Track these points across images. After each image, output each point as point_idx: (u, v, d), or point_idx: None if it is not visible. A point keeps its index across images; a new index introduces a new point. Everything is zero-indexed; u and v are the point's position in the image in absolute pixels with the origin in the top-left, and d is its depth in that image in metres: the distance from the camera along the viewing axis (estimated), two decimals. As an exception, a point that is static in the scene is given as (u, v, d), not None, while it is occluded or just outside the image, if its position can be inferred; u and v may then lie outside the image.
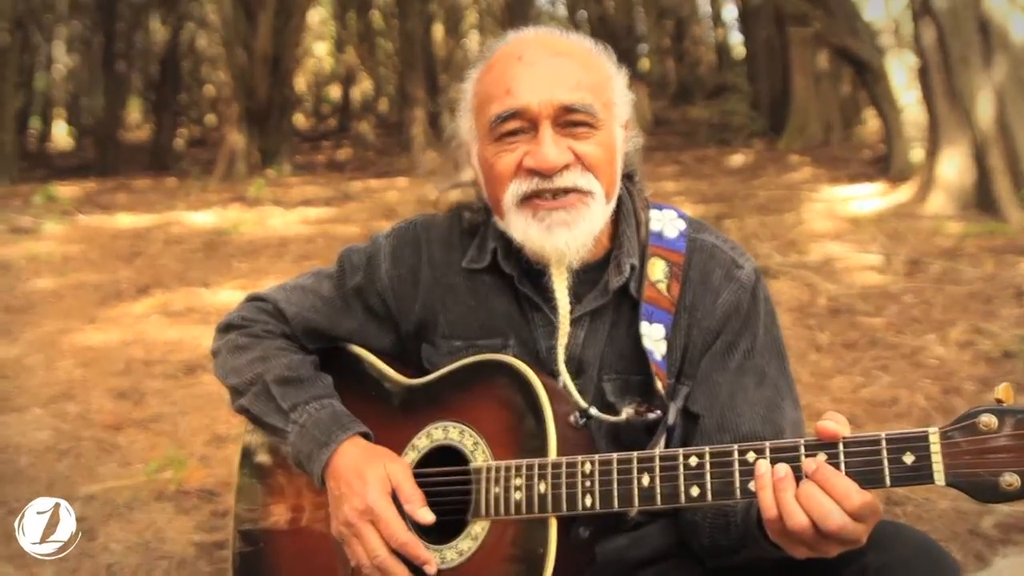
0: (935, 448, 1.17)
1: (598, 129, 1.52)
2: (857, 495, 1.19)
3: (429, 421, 1.58)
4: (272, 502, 1.78)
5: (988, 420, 1.15)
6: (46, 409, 4.41)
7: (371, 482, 1.50)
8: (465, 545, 1.47)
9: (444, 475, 1.53)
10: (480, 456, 1.50)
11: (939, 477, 1.16)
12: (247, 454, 1.85)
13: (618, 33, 21.06)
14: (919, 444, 1.18)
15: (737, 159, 14.79)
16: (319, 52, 31.50)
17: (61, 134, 34.28)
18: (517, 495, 1.42)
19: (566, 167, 1.49)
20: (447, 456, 1.54)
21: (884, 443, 1.19)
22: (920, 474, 1.17)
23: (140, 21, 23.99)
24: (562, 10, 26.68)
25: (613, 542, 1.54)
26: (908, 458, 1.18)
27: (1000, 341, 4.68)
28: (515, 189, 1.51)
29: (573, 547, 1.43)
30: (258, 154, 17.54)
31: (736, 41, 24.88)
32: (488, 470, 1.46)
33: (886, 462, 1.19)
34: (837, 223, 8.58)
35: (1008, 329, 4.87)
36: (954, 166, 8.75)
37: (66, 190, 14.71)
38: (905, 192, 9.64)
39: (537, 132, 1.49)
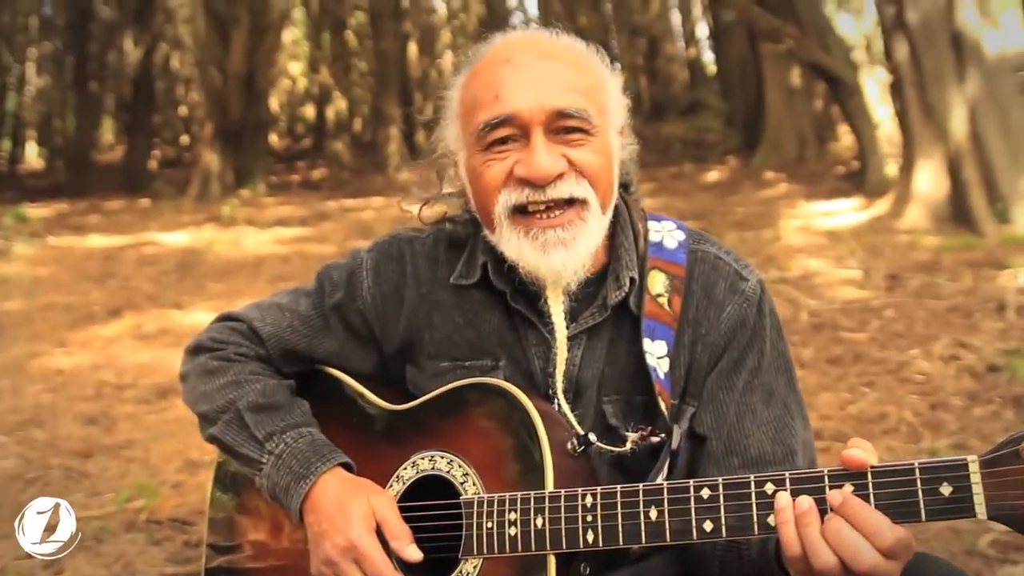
0: (975, 479, 1.08)
1: (593, 135, 1.43)
2: (890, 531, 1.10)
3: (415, 450, 1.48)
4: (246, 536, 1.67)
5: None
6: (12, 436, 4.27)
7: (354, 517, 1.39)
8: (456, 584, 1.37)
9: (432, 508, 1.43)
10: (471, 488, 1.40)
11: (980, 510, 1.07)
12: (220, 482, 1.75)
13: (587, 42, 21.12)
14: (957, 474, 1.09)
15: (712, 176, 14.83)
16: (293, 72, 31.40)
17: (32, 155, 33.93)
18: (512, 530, 1.32)
19: (560, 176, 1.40)
20: (435, 488, 1.44)
21: (918, 472, 1.11)
22: (960, 507, 1.08)
23: (113, 41, 23.81)
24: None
25: None
26: (945, 489, 1.09)
27: (984, 355, 4.65)
28: (505, 200, 1.42)
29: None
30: (232, 174, 17.42)
31: (709, 59, 25.07)
32: (480, 503, 1.36)
33: (921, 493, 1.10)
34: (815, 238, 8.58)
35: (991, 343, 4.84)
36: (929, 180, 8.79)
37: (37, 211, 14.50)
38: (881, 207, 9.68)
39: (528, 139, 1.40)
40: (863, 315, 5.74)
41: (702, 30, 26.73)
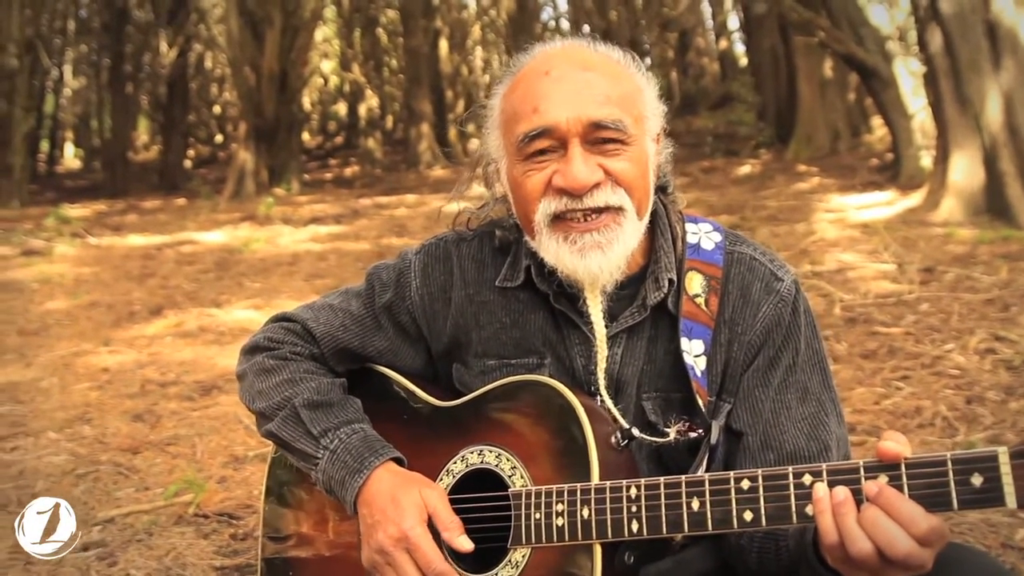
0: (1005, 469, 1.12)
1: (629, 145, 1.48)
2: (924, 519, 1.15)
3: (464, 445, 1.55)
4: (299, 528, 1.75)
5: None
6: (62, 433, 4.38)
7: (406, 509, 1.46)
8: (505, 573, 1.43)
9: (482, 501, 1.49)
10: (519, 481, 1.46)
11: (1010, 499, 1.12)
12: (273, 478, 1.82)
13: (622, 46, 21.05)
14: (988, 464, 1.13)
15: (745, 169, 14.77)
16: (325, 70, 31.63)
17: (70, 156, 34.48)
18: (559, 521, 1.38)
19: (596, 186, 1.45)
20: (484, 481, 1.50)
21: (950, 464, 1.15)
22: (990, 496, 1.13)
23: (147, 42, 24.15)
24: (565, 24, 26.72)
25: (655, 566, 1.50)
26: (976, 480, 1.13)
27: (1021, 349, 4.63)
28: (545, 208, 1.47)
29: (618, 573, 1.39)
30: (266, 172, 17.63)
31: (740, 51, 24.90)
32: (528, 495, 1.42)
33: (953, 484, 1.15)
34: (848, 232, 8.53)
35: (1028, 336, 4.82)
36: (964, 172, 8.71)
37: (76, 212, 14.78)
38: (916, 199, 9.60)
39: (566, 150, 1.45)
40: (898, 309, 5.72)
41: (733, 22, 26.62)
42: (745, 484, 1.27)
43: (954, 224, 8.34)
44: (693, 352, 1.52)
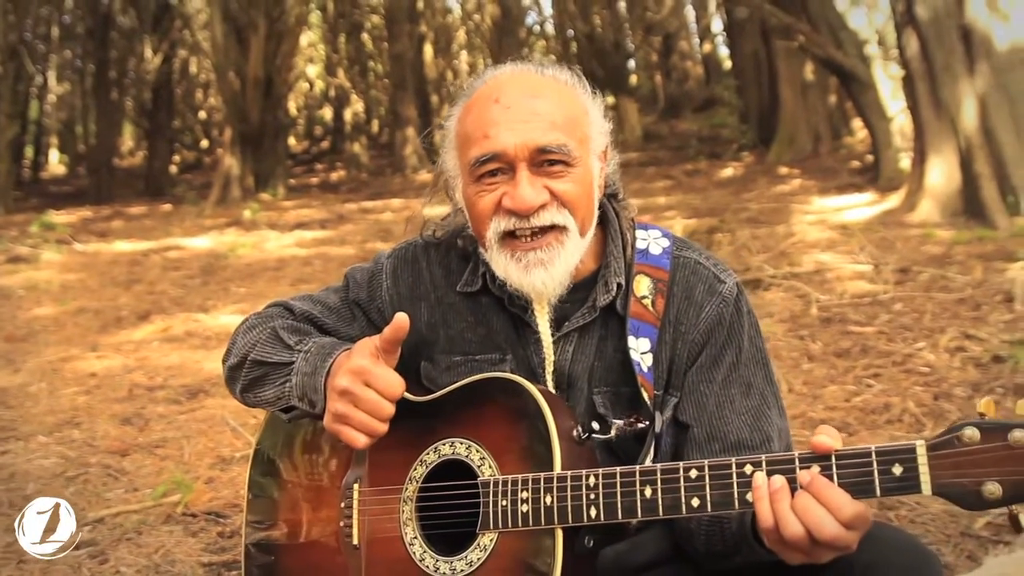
0: (922, 460, 1.24)
1: (573, 167, 1.59)
2: (850, 505, 1.27)
3: (437, 438, 1.65)
4: (280, 516, 1.84)
5: (971, 433, 1.22)
6: (52, 436, 4.46)
7: (359, 351, 1.56)
8: (475, 556, 1.54)
9: (453, 489, 1.60)
10: (487, 470, 1.57)
11: (926, 487, 1.24)
12: (256, 470, 1.91)
13: (606, 50, 21.24)
14: (907, 456, 1.25)
15: (727, 172, 14.92)
16: (311, 75, 31.65)
17: (55, 162, 34.33)
18: (524, 507, 1.49)
19: (543, 206, 1.58)
20: (455, 471, 1.61)
21: (874, 456, 1.27)
22: (908, 484, 1.25)
23: (132, 48, 24.09)
24: (551, 28, 26.84)
25: (613, 548, 1.61)
26: (897, 469, 1.26)
27: (989, 346, 4.76)
28: (495, 227, 1.60)
29: (579, 556, 1.50)
30: (252, 178, 17.65)
31: (724, 54, 25.08)
32: (496, 484, 1.53)
33: (876, 474, 1.27)
34: (828, 233, 8.67)
35: (997, 334, 4.95)
36: (941, 174, 8.86)
37: (62, 218, 14.79)
38: (894, 201, 9.75)
39: (515, 174, 1.57)
40: (872, 309, 5.85)
41: (717, 25, 26.79)
42: (693, 473, 1.39)
43: (931, 225, 8.49)
44: (640, 349, 1.64)
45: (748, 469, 1.35)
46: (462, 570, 1.54)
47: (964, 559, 2.86)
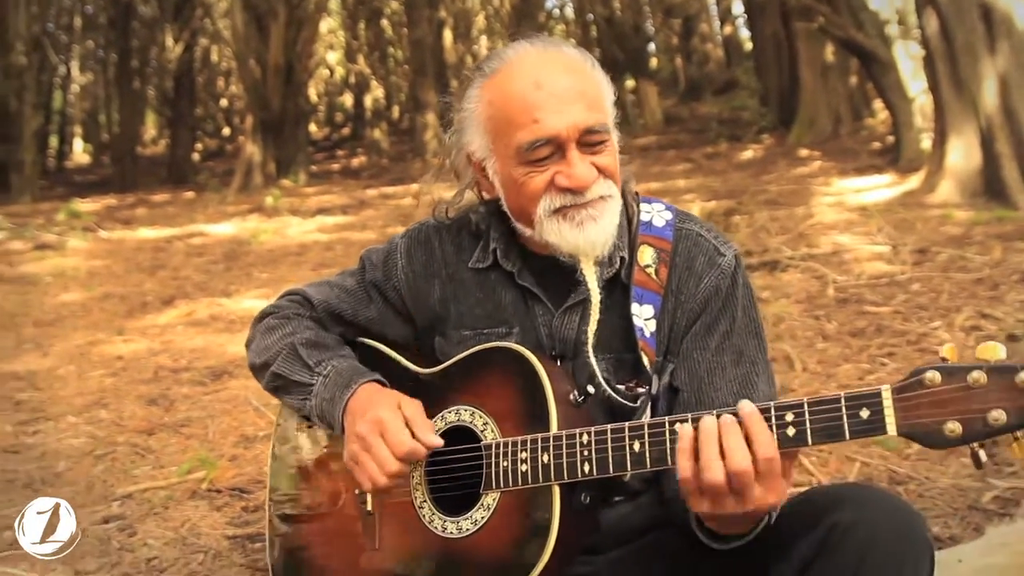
0: (887, 403, 1.31)
1: (608, 141, 1.68)
2: (770, 447, 1.34)
3: (444, 406, 1.74)
4: (302, 489, 1.93)
5: (932, 376, 1.29)
6: (80, 417, 4.58)
7: (382, 403, 1.68)
8: (479, 515, 1.63)
9: (459, 453, 1.69)
10: (490, 434, 1.65)
11: (891, 428, 1.31)
12: (278, 447, 2.00)
13: (626, 33, 21.18)
14: (873, 400, 1.32)
15: (747, 154, 14.88)
16: (331, 61, 31.76)
17: (79, 151, 34.71)
18: (523, 467, 1.57)
19: (593, 181, 1.66)
20: (461, 436, 1.70)
21: (843, 401, 1.33)
22: (875, 426, 1.31)
23: (153, 37, 24.31)
24: (570, 12, 26.78)
25: (616, 510, 1.70)
26: (864, 413, 1.32)
27: (1005, 325, 4.77)
28: (547, 204, 1.66)
29: (576, 512, 1.58)
30: (274, 164, 17.79)
31: (745, 36, 24.91)
32: (497, 446, 1.62)
33: (845, 418, 1.33)
34: (846, 215, 8.65)
35: (1013, 313, 4.95)
36: (961, 154, 8.81)
37: (87, 206, 14.98)
38: (914, 182, 9.71)
39: (564, 154, 1.64)
40: (889, 289, 5.86)
41: (737, 7, 26.61)
42: (678, 427, 1.45)
43: (951, 206, 8.45)
44: (643, 316, 1.72)
45: (728, 419, 1.40)
46: (468, 529, 1.63)
47: (971, 531, 2.90)
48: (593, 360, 1.70)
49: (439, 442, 1.64)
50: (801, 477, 3.38)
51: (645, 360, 1.69)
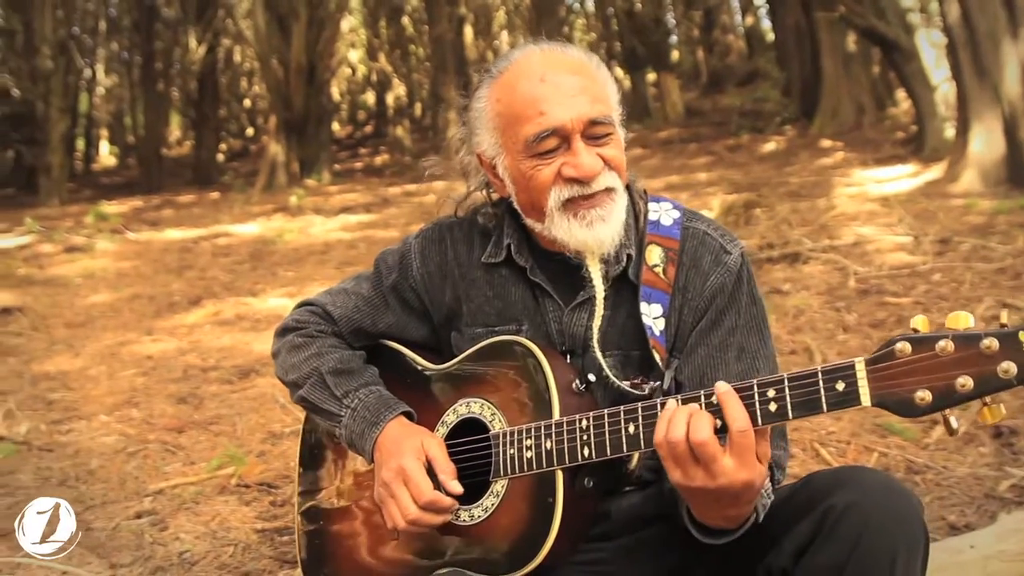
0: (861, 375, 1.34)
1: (613, 134, 1.74)
2: (743, 420, 1.39)
3: (456, 399, 1.82)
4: (328, 486, 2.02)
5: (903, 347, 1.32)
6: (112, 416, 4.69)
7: (407, 450, 1.74)
8: (489, 502, 1.70)
9: (470, 444, 1.76)
10: (498, 425, 1.73)
11: (865, 399, 1.34)
12: (306, 444, 2.09)
13: (647, 26, 21.12)
14: (847, 373, 1.35)
15: (770, 146, 14.82)
16: (353, 60, 31.91)
17: (105, 154, 35.10)
18: (529, 454, 1.64)
19: (599, 172, 1.71)
20: (471, 427, 1.78)
21: (820, 375, 1.37)
22: (850, 398, 1.35)
23: (177, 39, 24.55)
24: (590, 6, 26.73)
25: (627, 499, 1.76)
26: (840, 385, 1.35)
27: (1026, 314, 4.77)
28: (556, 196, 1.71)
29: (579, 496, 1.65)
30: (297, 164, 17.93)
31: (767, 27, 24.76)
32: (504, 435, 1.69)
33: (823, 391, 1.37)
34: (868, 206, 8.62)
35: (1034, 302, 4.95)
36: (984, 142, 8.77)
37: (114, 208, 15.19)
38: (937, 171, 9.66)
39: (570, 146, 1.69)
40: (910, 280, 5.86)
41: (758, -2, 26.45)
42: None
43: (974, 195, 8.41)
44: (652, 315, 1.76)
45: (715, 399, 1.45)
46: (479, 516, 1.70)
47: (987, 519, 2.93)
48: (600, 356, 1.76)
49: (459, 490, 1.71)
50: (818, 467, 3.42)
51: (657, 357, 1.74)
